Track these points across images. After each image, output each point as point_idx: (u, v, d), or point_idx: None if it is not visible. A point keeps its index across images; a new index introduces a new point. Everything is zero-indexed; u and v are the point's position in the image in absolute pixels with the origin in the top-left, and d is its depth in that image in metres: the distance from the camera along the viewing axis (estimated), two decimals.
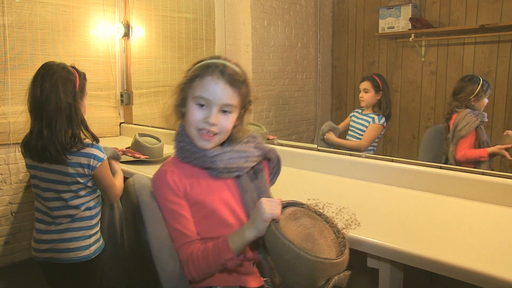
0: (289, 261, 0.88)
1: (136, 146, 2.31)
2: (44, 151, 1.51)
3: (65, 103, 1.53)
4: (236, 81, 1.06)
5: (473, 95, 2.21)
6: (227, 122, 1.08)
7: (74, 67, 1.69)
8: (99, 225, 1.72)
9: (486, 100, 2.25)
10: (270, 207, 0.95)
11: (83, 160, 1.55)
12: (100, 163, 1.58)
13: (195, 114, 1.06)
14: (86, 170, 1.57)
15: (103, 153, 1.61)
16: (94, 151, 1.58)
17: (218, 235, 1.03)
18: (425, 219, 1.38)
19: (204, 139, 1.07)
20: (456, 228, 1.28)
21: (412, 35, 3.18)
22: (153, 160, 2.24)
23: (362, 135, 2.67)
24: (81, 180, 1.58)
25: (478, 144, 2.18)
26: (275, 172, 1.24)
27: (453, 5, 3.10)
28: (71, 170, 1.55)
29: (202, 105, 1.06)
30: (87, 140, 1.61)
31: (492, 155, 2.15)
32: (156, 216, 1.07)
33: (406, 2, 3.19)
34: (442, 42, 3.17)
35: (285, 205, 1.02)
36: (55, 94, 1.52)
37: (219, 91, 1.04)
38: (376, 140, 2.66)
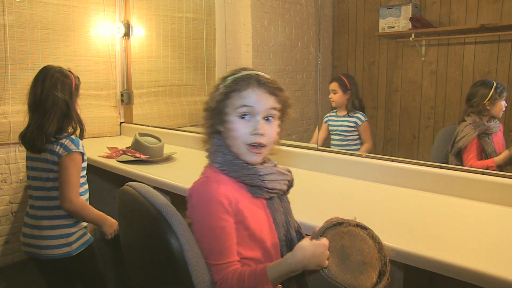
0: None
1: (137, 145, 2.31)
2: (34, 142, 1.66)
3: (61, 101, 1.70)
4: (274, 88, 1.03)
5: (487, 99, 2.12)
6: (273, 130, 1.05)
7: (69, 71, 1.81)
8: (85, 224, 1.78)
9: (503, 103, 2.15)
10: (319, 258, 0.93)
11: (55, 148, 1.67)
12: (66, 153, 1.66)
13: (241, 128, 1.02)
14: (55, 157, 1.67)
15: (76, 146, 1.69)
16: (66, 142, 1.68)
17: (256, 256, 1.02)
18: (425, 219, 1.38)
19: (254, 152, 1.03)
20: (456, 228, 1.28)
21: (413, 35, 3.18)
22: (154, 160, 2.24)
23: (348, 136, 2.72)
24: (55, 168, 1.68)
25: (485, 156, 2.12)
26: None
27: (453, 4, 3.10)
28: (48, 157, 1.67)
29: (244, 117, 1.02)
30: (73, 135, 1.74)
31: (502, 164, 2.10)
32: (185, 224, 1.01)
33: (407, 2, 3.19)
34: (442, 41, 3.17)
35: (323, 231, 1.00)
36: (53, 93, 1.68)
37: (262, 99, 1.01)
38: (359, 134, 2.73)
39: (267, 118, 1.03)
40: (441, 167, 1.66)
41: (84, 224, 1.77)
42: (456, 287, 1.13)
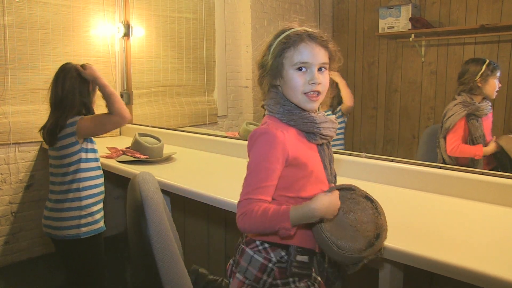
0: (324, 247, 1.06)
1: (136, 146, 2.31)
2: (50, 135, 1.85)
3: (80, 102, 1.89)
4: (325, 41, 1.14)
5: (478, 76, 2.02)
6: (326, 79, 1.14)
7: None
8: (96, 209, 1.93)
9: (496, 82, 2.03)
10: (335, 207, 1.06)
11: (68, 130, 1.85)
12: (77, 120, 1.86)
13: (298, 79, 1.10)
14: (73, 129, 1.85)
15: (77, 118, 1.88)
16: (71, 124, 1.87)
17: (308, 194, 1.10)
18: (425, 219, 1.38)
19: (312, 100, 1.12)
20: (456, 228, 1.28)
21: (412, 35, 3.17)
22: (153, 160, 2.24)
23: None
24: (69, 151, 1.86)
25: (471, 139, 2.03)
26: None
27: (453, 5, 3.10)
28: (60, 144, 1.87)
29: (300, 70, 1.11)
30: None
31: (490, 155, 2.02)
32: (159, 212, 1.07)
33: (406, 2, 3.19)
34: (442, 42, 3.17)
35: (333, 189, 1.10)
36: (72, 94, 1.87)
37: (315, 53, 1.11)
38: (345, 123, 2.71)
39: (319, 69, 1.12)
40: (441, 167, 1.66)
41: (95, 209, 1.92)
42: (456, 287, 1.13)
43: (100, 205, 1.99)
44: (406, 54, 3.40)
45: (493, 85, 2.04)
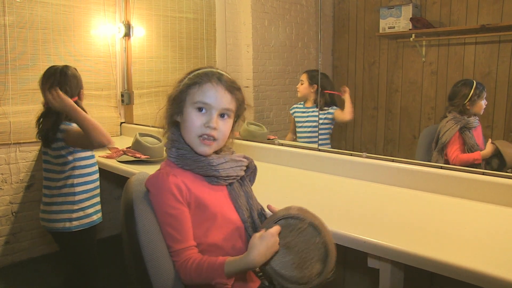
0: (271, 280, 1.04)
1: (137, 146, 2.31)
2: (45, 138, 1.92)
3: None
4: (233, 88, 1.11)
5: (467, 100, 2.21)
6: (226, 127, 1.11)
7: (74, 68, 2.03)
8: (89, 204, 2.00)
9: (483, 103, 2.24)
10: (273, 248, 1.01)
11: (58, 135, 1.91)
12: (66, 129, 1.91)
13: (195, 119, 1.08)
14: (60, 137, 1.90)
15: (65, 124, 1.93)
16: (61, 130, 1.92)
17: (217, 240, 1.07)
18: (425, 219, 1.38)
19: (205, 144, 1.08)
20: (456, 228, 1.28)
21: (413, 35, 3.17)
22: (154, 160, 2.24)
23: (315, 127, 2.66)
24: (63, 153, 1.91)
25: (468, 148, 2.19)
26: (250, 179, 1.26)
27: (453, 5, 3.09)
28: (55, 145, 1.91)
29: (201, 110, 1.08)
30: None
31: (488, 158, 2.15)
32: (148, 212, 1.06)
33: (407, 2, 3.19)
34: (443, 42, 3.17)
35: (276, 220, 1.05)
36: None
37: (219, 96, 1.08)
38: (330, 129, 2.71)
39: (222, 115, 1.10)
40: (441, 167, 1.66)
41: (88, 204, 1.99)
42: (456, 287, 1.13)
43: (95, 200, 2.04)
44: (407, 54, 3.39)
45: (481, 106, 2.25)
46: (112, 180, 3.10)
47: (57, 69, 1.96)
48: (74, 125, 1.90)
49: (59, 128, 1.90)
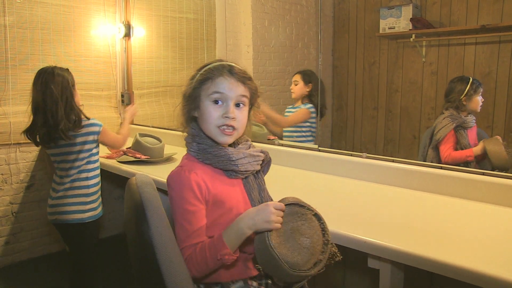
0: (272, 266, 1.02)
1: (137, 146, 2.31)
2: (49, 136, 1.94)
3: (57, 97, 1.94)
4: (245, 78, 1.14)
5: (463, 95, 2.22)
6: (243, 115, 1.14)
7: (58, 66, 2.04)
8: (97, 197, 2.10)
9: (479, 99, 2.24)
10: (275, 218, 1.03)
11: (91, 129, 2.03)
12: (101, 128, 2.07)
13: (213, 112, 1.11)
14: (95, 137, 2.05)
15: (99, 122, 2.08)
16: (93, 125, 2.05)
17: (220, 213, 1.10)
18: (425, 219, 1.38)
19: (226, 134, 1.12)
20: (456, 228, 1.28)
21: (413, 35, 3.17)
22: (154, 160, 2.24)
23: (298, 127, 2.70)
24: (88, 147, 2.04)
25: (460, 147, 2.19)
26: (264, 170, 1.30)
27: (453, 5, 3.09)
28: (78, 140, 2.00)
29: (217, 103, 1.12)
30: (84, 119, 2.05)
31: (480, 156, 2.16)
32: (160, 213, 1.07)
33: (407, 2, 3.19)
34: (443, 42, 3.17)
35: (285, 203, 1.08)
36: (50, 93, 1.93)
37: (233, 87, 1.11)
38: (310, 127, 2.69)
39: (237, 104, 1.13)
40: (441, 168, 1.66)
41: (97, 196, 2.10)
42: (456, 287, 1.13)
43: (99, 192, 2.15)
44: (407, 55, 3.39)
45: (477, 102, 2.25)
46: (112, 180, 3.10)
47: (43, 70, 1.99)
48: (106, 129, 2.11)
49: (92, 123, 2.04)
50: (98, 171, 2.12)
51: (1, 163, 2.71)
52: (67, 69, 2.05)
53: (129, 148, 2.36)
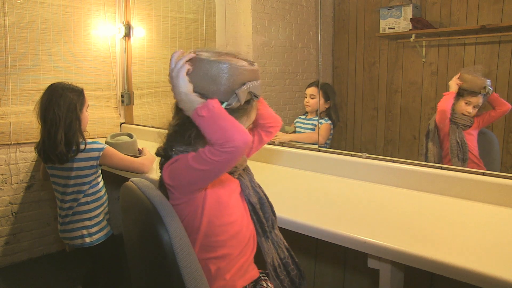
0: (211, 74, 1.04)
1: (111, 146, 2.25)
2: (48, 155, 1.87)
3: (59, 119, 1.85)
4: None
5: None
6: None
7: (71, 85, 1.96)
8: (102, 218, 2.06)
9: (465, 104, 2.27)
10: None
11: (90, 154, 1.92)
12: (101, 153, 1.94)
13: None
14: (94, 162, 1.94)
15: (100, 145, 1.95)
16: (93, 150, 1.94)
17: (226, 221, 1.11)
18: (425, 219, 1.37)
19: None
20: (456, 228, 1.28)
21: (413, 36, 3.17)
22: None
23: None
24: (86, 173, 1.94)
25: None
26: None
27: (453, 5, 3.09)
28: (76, 165, 1.90)
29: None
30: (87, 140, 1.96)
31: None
32: (174, 216, 1.05)
33: (407, 3, 3.19)
34: (443, 42, 3.17)
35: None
36: (52, 113, 1.85)
37: None
38: (330, 138, 2.75)
39: None
40: (441, 168, 1.66)
41: (102, 217, 2.05)
42: (456, 287, 1.13)
43: (106, 209, 2.12)
44: (407, 55, 3.39)
45: (462, 107, 2.26)
46: (111, 181, 3.09)
47: (53, 87, 1.91)
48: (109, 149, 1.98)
49: (92, 148, 1.92)
50: (100, 194, 2.05)
51: (1, 163, 2.71)
52: (80, 90, 1.95)
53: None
